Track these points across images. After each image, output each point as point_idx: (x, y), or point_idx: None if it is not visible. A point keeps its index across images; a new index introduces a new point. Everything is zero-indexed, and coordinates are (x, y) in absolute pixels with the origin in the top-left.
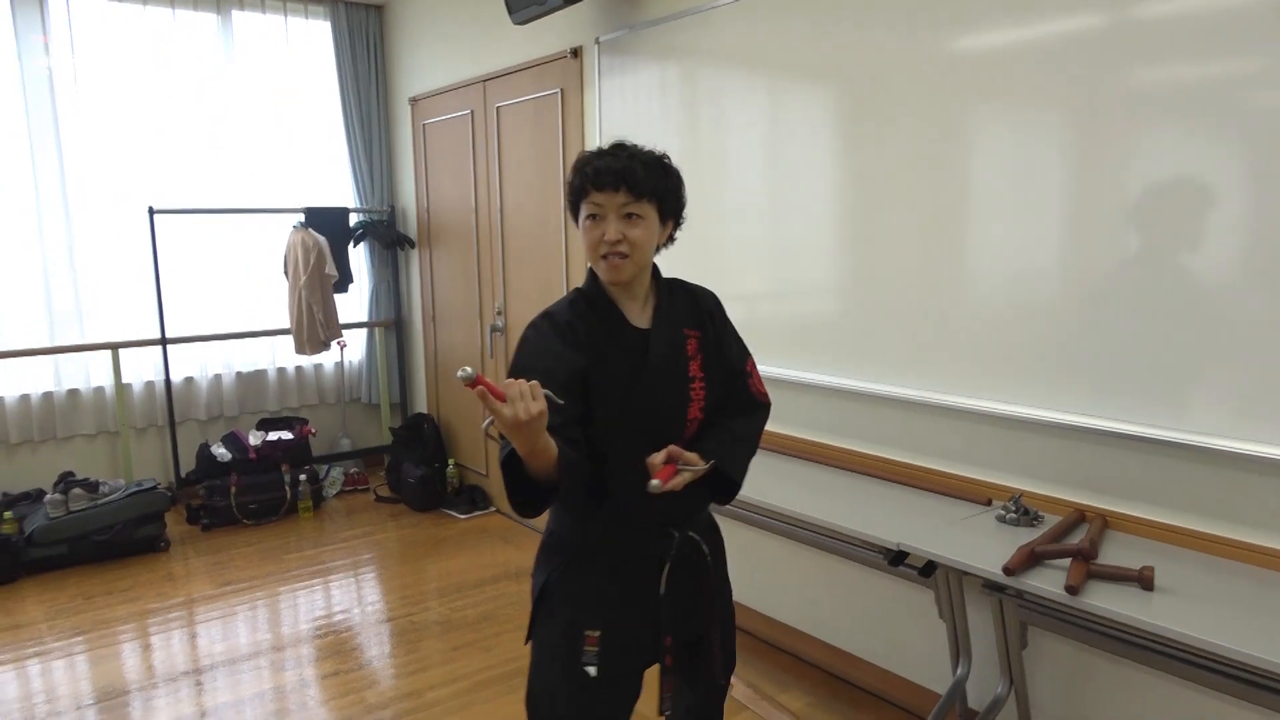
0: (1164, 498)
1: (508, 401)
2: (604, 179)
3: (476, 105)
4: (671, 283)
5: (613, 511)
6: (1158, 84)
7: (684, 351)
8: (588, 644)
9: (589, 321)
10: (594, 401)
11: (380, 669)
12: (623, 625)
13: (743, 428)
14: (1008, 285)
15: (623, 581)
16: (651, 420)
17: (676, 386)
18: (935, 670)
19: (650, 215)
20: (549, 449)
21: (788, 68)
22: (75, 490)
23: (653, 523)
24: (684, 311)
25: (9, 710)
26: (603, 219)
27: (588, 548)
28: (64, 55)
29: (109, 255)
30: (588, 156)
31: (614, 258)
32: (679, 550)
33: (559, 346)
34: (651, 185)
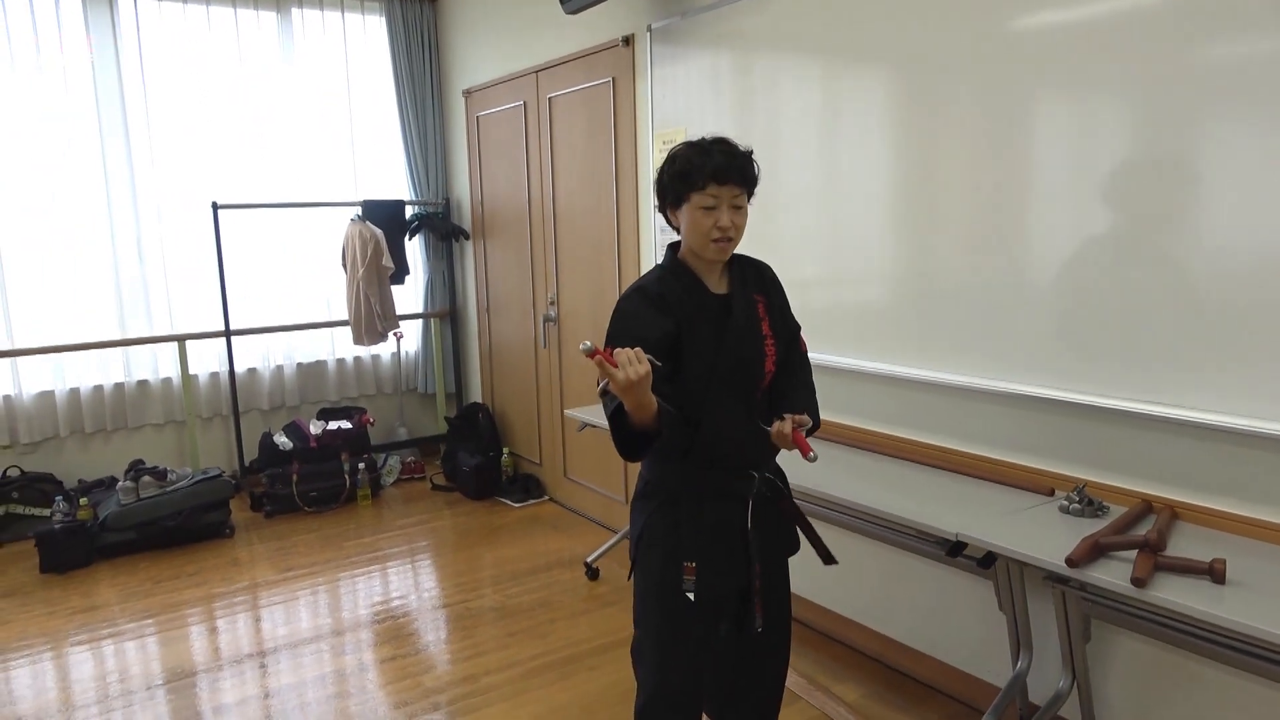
0: (1237, 488)
1: (619, 367)
2: (726, 175)
3: (529, 96)
4: (738, 256)
5: (702, 457)
6: (1224, 61)
7: (756, 313)
8: (686, 573)
9: (676, 291)
10: (685, 359)
11: (437, 654)
12: (714, 557)
13: (808, 379)
14: (1068, 269)
15: (713, 518)
16: (736, 373)
17: (755, 343)
18: (994, 663)
19: (746, 204)
20: (651, 404)
21: (842, 52)
22: (145, 478)
23: (737, 466)
24: (753, 280)
25: (85, 688)
26: (717, 209)
27: (680, 491)
28: (131, 55)
29: (175, 250)
30: (704, 150)
31: (724, 241)
32: (759, 490)
33: (651, 314)
34: (754, 180)
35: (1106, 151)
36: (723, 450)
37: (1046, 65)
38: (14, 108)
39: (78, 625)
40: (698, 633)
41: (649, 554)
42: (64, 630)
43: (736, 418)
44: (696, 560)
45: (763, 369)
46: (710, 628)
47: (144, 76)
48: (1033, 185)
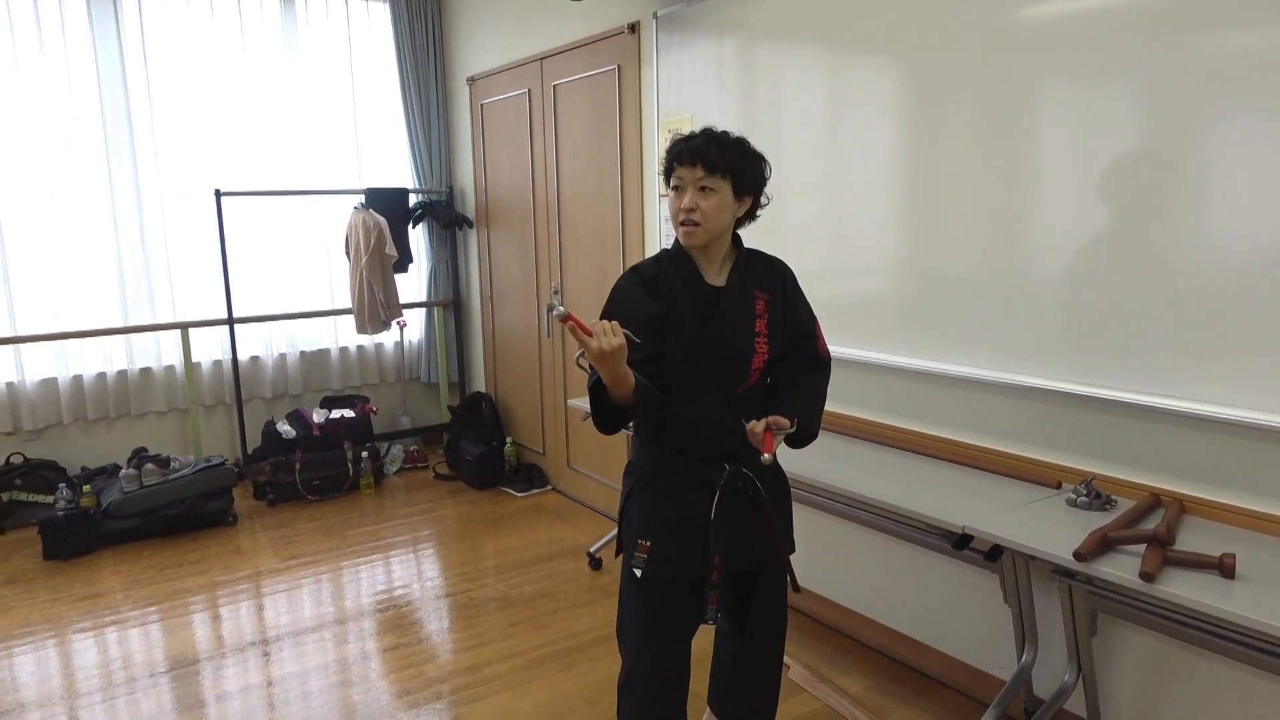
0: (1246, 482)
1: (594, 336)
2: (685, 156)
3: (533, 84)
4: (751, 252)
5: (674, 441)
6: (1230, 52)
7: (752, 308)
8: (638, 550)
9: (670, 276)
10: (665, 343)
11: (439, 643)
12: (672, 540)
13: (816, 384)
14: (1077, 260)
15: (677, 502)
16: (717, 364)
17: (741, 336)
18: (999, 656)
19: (723, 189)
20: (628, 379)
21: (847, 41)
22: (148, 466)
23: (709, 454)
24: (758, 276)
25: (89, 675)
26: (683, 191)
27: (654, 471)
28: (134, 43)
29: (178, 237)
30: (678, 138)
31: (688, 225)
32: (729, 480)
33: (641, 294)
34: (725, 162)
35: (1113, 143)
36: (693, 437)
37: (1051, 55)
38: (17, 97)
39: (81, 612)
40: (670, 614)
41: (623, 531)
42: (67, 617)
43: (712, 408)
44: (652, 540)
45: (748, 365)
46: (683, 610)
47: (147, 64)
48: (1039, 176)
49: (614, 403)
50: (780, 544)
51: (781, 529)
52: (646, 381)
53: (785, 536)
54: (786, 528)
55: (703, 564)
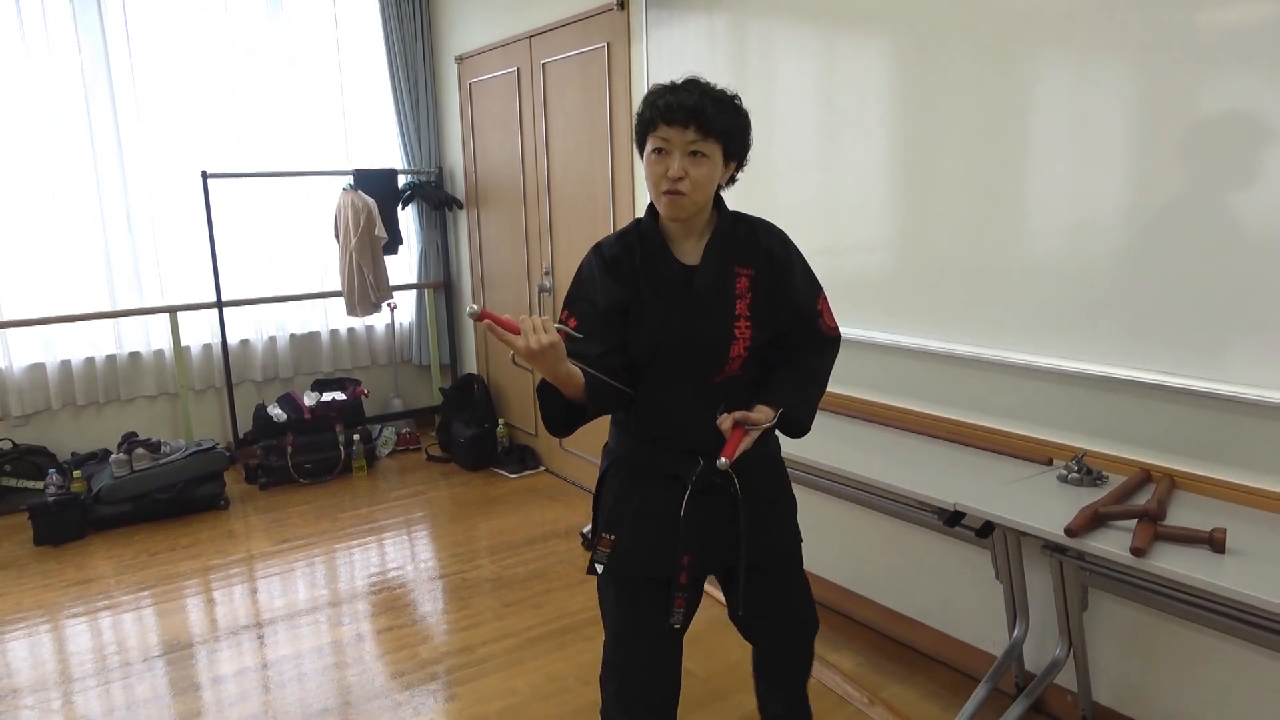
0: (1236, 456)
1: (521, 334)
2: (674, 115)
3: (522, 62)
4: (736, 217)
5: (645, 432)
6: (1220, 25)
7: (731, 289)
8: (601, 545)
9: (635, 255)
10: (631, 330)
11: (433, 624)
12: (639, 535)
13: (814, 367)
14: (1067, 237)
15: (646, 496)
16: (689, 354)
17: (717, 323)
18: (991, 632)
19: (715, 154)
20: (573, 376)
21: (840, 18)
22: (138, 450)
23: (681, 447)
24: (739, 249)
25: (83, 660)
26: (668, 154)
27: (626, 459)
28: (117, 23)
29: (166, 220)
30: (660, 90)
31: (674, 194)
32: (702, 476)
33: (603, 279)
34: (721, 124)
35: (1106, 118)
36: (664, 429)
37: (1046, 30)
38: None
39: (73, 598)
40: (641, 611)
41: (595, 518)
42: (60, 602)
43: (681, 398)
44: (616, 534)
45: (724, 352)
46: (657, 608)
47: (130, 45)
48: (1033, 153)
49: (567, 400)
50: (761, 546)
51: (776, 527)
52: (604, 378)
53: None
54: (787, 518)
55: (670, 563)
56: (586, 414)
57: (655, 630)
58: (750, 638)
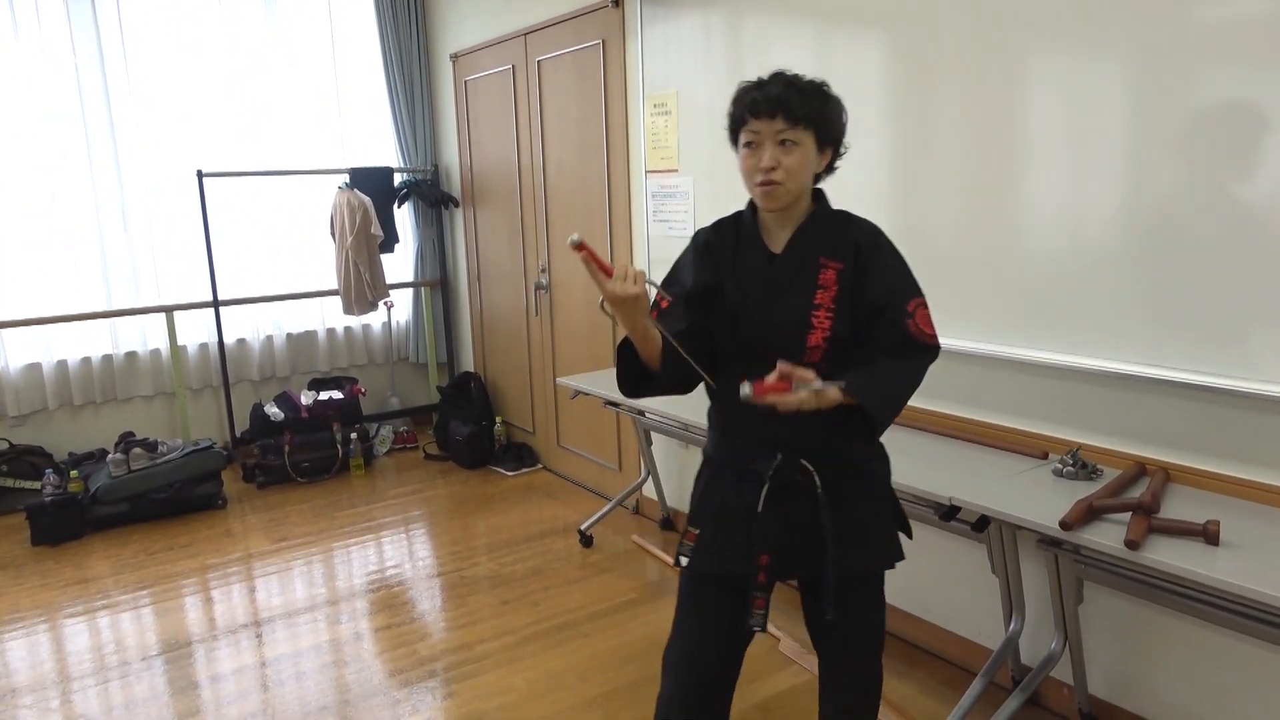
0: (1230, 449)
1: (613, 278)
2: (760, 107)
3: (517, 60)
4: (831, 214)
5: (726, 424)
6: (1218, 17)
7: (814, 279)
8: (686, 538)
9: (727, 242)
10: (716, 315)
11: (431, 622)
12: (721, 531)
13: (892, 365)
14: (1062, 232)
15: (727, 491)
16: (765, 339)
17: (794, 311)
18: (987, 626)
19: (806, 142)
20: (651, 335)
21: (835, 13)
22: (136, 450)
23: (759, 440)
24: (830, 242)
25: (81, 659)
26: (759, 147)
27: (712, 456)
28: (111, 22)
29: (162, 220)
30: (747, 86)
31: (768, 185)
32: (780, 471)
33: (694, 263)
34: (807, 111)
35: (1101, 113)
36: (737, 421)
37: (1042, 24)
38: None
39: (71, 597)
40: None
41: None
42: (58, 602)
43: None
44: (700, 529)
45: (801, 340)
46: (725, 611)
47: (124, 44)
48: (1029, 148)
49: (643, 364)
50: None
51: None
52: (678, 346)
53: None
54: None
55: (746, 561)
56: (657, 381)
57: (717, 629)
58: (819, 649)
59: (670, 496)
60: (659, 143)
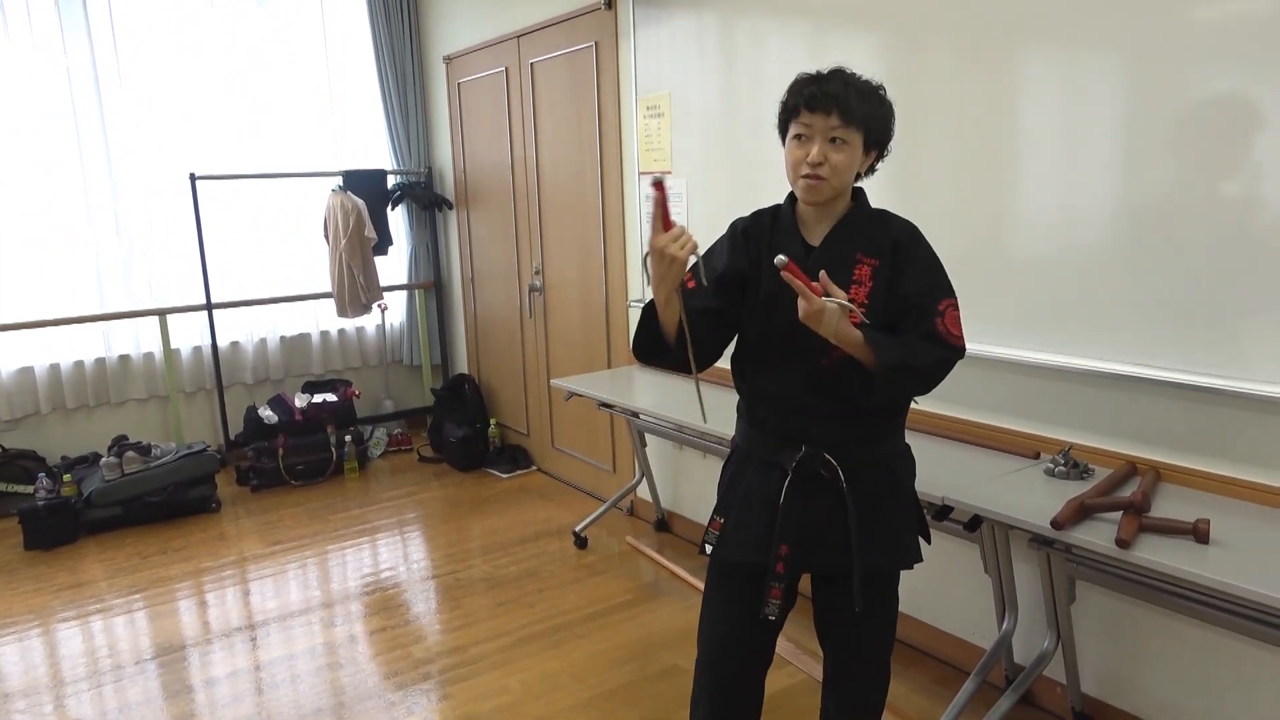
0: (1220, 449)
1: (669, 235)
2: (817, 102)
3: (510, 62)
4: (872, 211)
5: (754, 415)
6: (1212, 18)
7: (848, 274)
8: (712, 527)
9: (765, 232)
10: (747, 307)
11: (426, 624)
12: (743, 521)
13: (914, 342)
14: (1053, 232)
15: (752, 481)
16: (794, 331)
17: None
18: (980, 625)
19: (855, 141)
20: (672, 309)
21: (825, 14)
22: (129, 453)
23: (784, 432)
24: (868, 238)
25: (75, 663)
26: (809, 140)
27: (740, 446)
28: (103, 24)
29: (154, 223)
30: (805, 79)
31: (813, 179)
32: (803, 463)
33: (728, 248)
34: (863, 112)
35: (1092, 113)
36: (768, 413)
37: (1035, 23)
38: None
39: (65, 602)
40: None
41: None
42: (51, 607)
43: (789, 382)
44: (725, 518)
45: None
46: (749, 602)
47: (116, 46)
48: (1019, 149)
49: (660, 335)
50: (861, 548)
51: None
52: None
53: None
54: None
55: (766, 550)
56: (669, 355)
57: (739, 617)
58: (825, 646)
59: (664, 498)
60: (652, 144)
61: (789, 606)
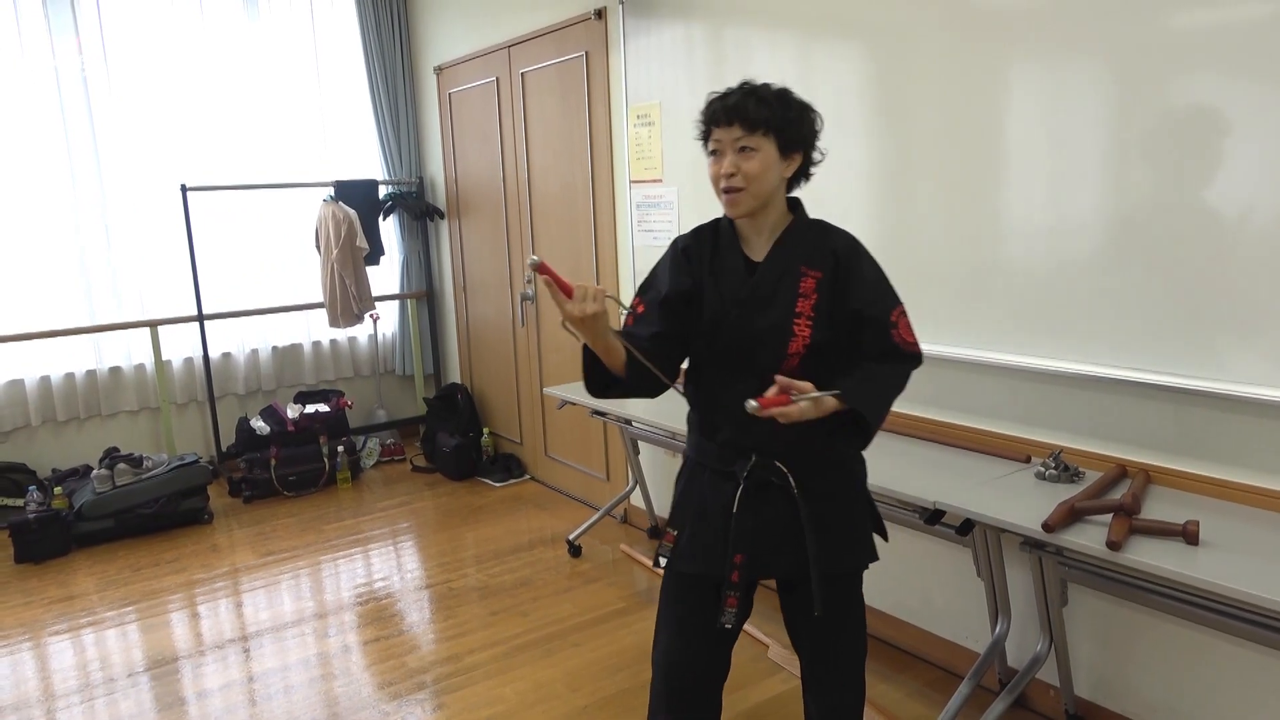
0: (1208, 451)
1: (574, 298)
2: (720, 116)
3: (501, 72)
4: (810, 223)
5: (705, 426)
6: (1193, 27)
7: (794, 288)
8: (666, 539)
9: (706, 248)
10: (693, 321)
11: (420, 634)
12: (698, 532)
13: (878, 372)
14: (1043, 238)
15: (705, 493)
16: (744, 346)
17: (775, 319)
18: (973, 629)
19: (766, 148)
20: (615, 349)
21: (815, 22)
22: (120, 465)
23: (736, 443)
24: (809, 250)
25: (67, 677)
26: (721, 154)
27: (692, 457)
28: (94, 37)
29: (145, 234)
30: (712, 98)
31: (730, 192)
32: (754, 473)
33: (671, 268)
34: (765, 117)
35: (1080, 119)
36: (719, 425)
37: (1020, 33)
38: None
39: (56, 615)
40: (689, 612)
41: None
42: (42, 620)
43: (740, 395)
44: (678, 530)
45: (782, 347)
46: (707, 612)
47: (106, 57)
48: (1009, 154)
49: (606, 370)
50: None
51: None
52: (642, 359)
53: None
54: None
55: (722, 561)
56: (622, 386)
57: (697, 629)
58: (799, 649)
59: (658, 505)
60: (642, 153)
61: (745, 616)
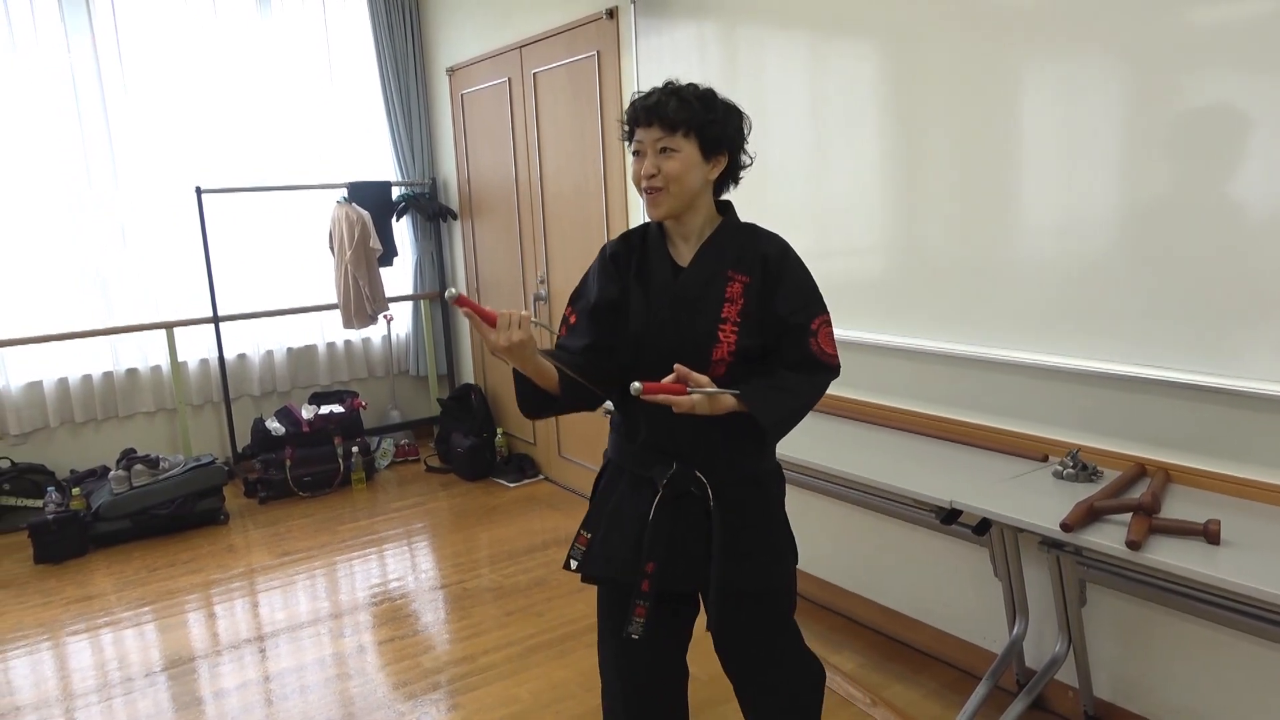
0: (1229, 449)
1: (496, 328)
2: (640, 117)
3: (513, 72)
4: (738, 226)
5: (628, 434)
6: (1209, 22)
7: (720, 292)
8: (578, 542)
9: (633, 254)
10: (621, 327)
11: (435, 634)
12: (610, 536)
13: (789, 380)
14: (1058, 235)
15: (621, 496)
16: (669, 351)
17: (699, 325)
18: (991, 629)
19: (687, 149)
20: (545, 370)
21: (828, 23)
22: (137, 466)
23: (656, 448)
24: (737, 255)
25: (85, 676)
26: (643, 155)
27: (612, 458)
28: (109, 40)
29: (160, 237)
30: (634, 99)
31: (651, 192)
32: (673, 480)
33: (599, 275)
34: (685, 118)
35: (1095, 115)
36: (642, 430)
37: (1033, 31)
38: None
39: (74, 615)
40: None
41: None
42: (61, 620)
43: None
44: (591, 533)
45: (706, 353)
46: (616, 617)
47: (122, 60)
48: (1023, 151)
49: (541, 391)
50: (724, 567)
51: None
52: (573, 375)
53: (763, 564)
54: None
55: (633, 568)
56: (559, 404)
57: (618, 634)
58: (726, 673)
59: None
60: None
61: (661, 625)
